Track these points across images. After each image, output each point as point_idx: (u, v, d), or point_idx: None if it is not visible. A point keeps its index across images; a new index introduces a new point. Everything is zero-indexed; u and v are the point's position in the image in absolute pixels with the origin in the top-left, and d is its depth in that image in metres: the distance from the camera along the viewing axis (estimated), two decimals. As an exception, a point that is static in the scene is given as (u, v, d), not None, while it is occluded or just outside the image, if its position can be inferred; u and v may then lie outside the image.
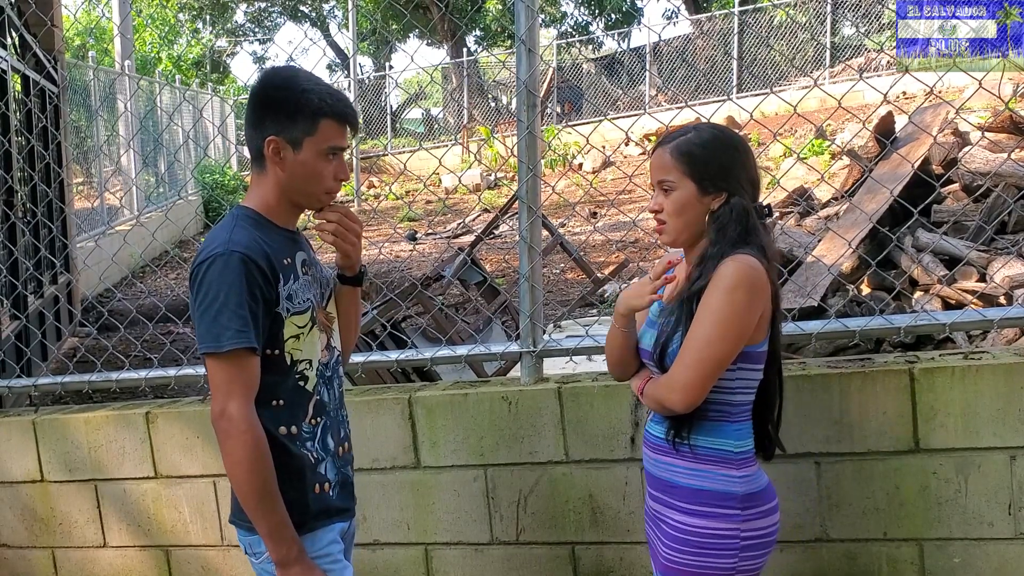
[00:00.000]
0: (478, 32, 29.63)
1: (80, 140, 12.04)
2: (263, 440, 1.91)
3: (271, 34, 33.46)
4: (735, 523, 1.99)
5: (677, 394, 1.97)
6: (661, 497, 2.10)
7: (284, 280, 1.98)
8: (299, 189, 2.01)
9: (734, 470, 2.01)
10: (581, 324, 4.42)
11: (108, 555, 3.38)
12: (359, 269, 2.19)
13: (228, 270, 1.89)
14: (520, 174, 2.95)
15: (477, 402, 2.94)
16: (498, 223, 8.43)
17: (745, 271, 1.93)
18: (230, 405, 1.89)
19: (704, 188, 2.01)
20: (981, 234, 5.26)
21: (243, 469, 1.89)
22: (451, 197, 16.86)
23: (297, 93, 1.96)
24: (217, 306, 1.88)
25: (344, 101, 2.01)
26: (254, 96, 2.01)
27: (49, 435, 3.37)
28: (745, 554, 2.00)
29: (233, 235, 1.94)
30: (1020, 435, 2.53)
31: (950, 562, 2.62)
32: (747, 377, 2.03)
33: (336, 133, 1.99)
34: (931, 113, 6.22)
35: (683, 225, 2.04)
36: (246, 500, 1.92)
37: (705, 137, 2.04)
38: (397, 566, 3.08)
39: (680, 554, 2.02)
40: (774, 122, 9.12)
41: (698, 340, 1.94)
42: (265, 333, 1.95)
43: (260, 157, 2.00)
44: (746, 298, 1.93)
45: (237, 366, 1.90)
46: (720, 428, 2.02)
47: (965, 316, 2.81)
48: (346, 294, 2.22)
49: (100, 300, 8.17)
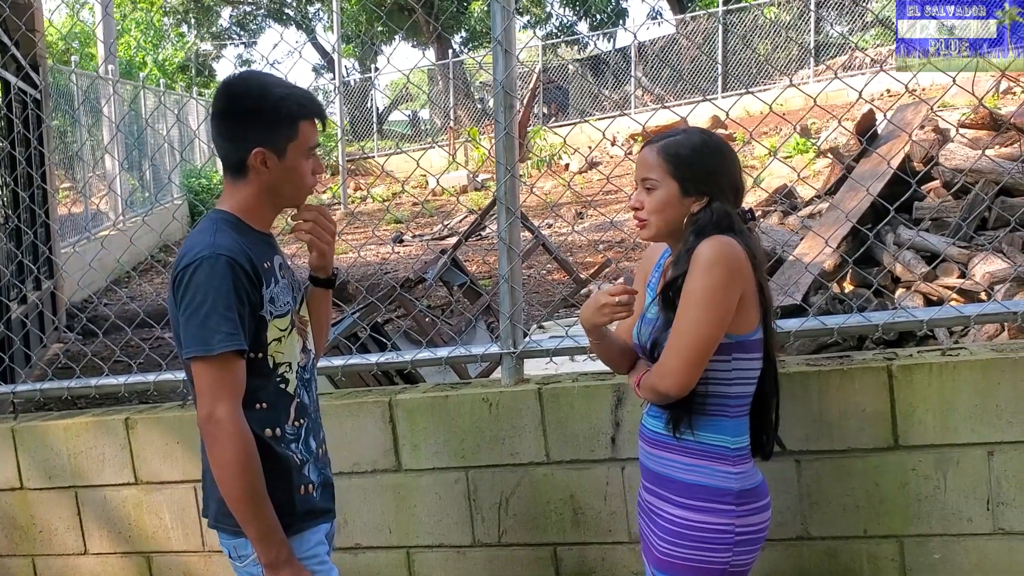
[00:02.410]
0: (464, 33, 29.64)
1: (64, 145, 11.97)
2: (252, 443, 1.91)
3: (256, 37, 33.39)
4: (730, 518, 2.01)
5: (669, 379, 1.98)
6: (656, 490, 2.11)
7: (266, 283, 1.98)
8: (283, 192, 2.03)
9: (730, 466, 2.03)
10: (563, 325, 4.41)
11: (89, 562, 3.36)
12: (332, 272, 2.19)
13: (215, 273, 1.88)
14: (498, 175, 2.95)
15: (458, 404, 2.94)
16: (483, 224, 8.43)
17: (721, 248, 1.95)
18: (218, 408, 1.88)
19: (686, 190, 2.03)
20: (961, 231, 5.29)
21: (233, 472, 1.89)
22: (438, 199, 16.86)
23: (276, 102, 1.96)
24: (205, 309, 1.87)
25: (314, 98, 2.04)
26: (230, 110, 1.99)
27: (28, 442, 3.34)
28: (739, 549, 2.02)
29: (217, 239, 1.93)
30: (997, 430, 2.54)
31: (930, 558, 2.63)
32: (743, 368, 2.04)
33: (313, 132, 2.02)
34: (912, 111, 6.25)
35: (663, 223, 2.06)
36: (236, 503, 1.91)
37: (693, 141, 2.07)
38: (379, 570, 3.07)
39: (675, 547, 2.04)
40: (761, 121, 9.15)
41: (684, 322, 1.96)
42: (250, 336, 1.94)
43: (242, 167, 1.99)
44: (725, 274, 1.94)
45: (225, 369, 1.89)
46: (718, 423, 2.04)
47: (942, 312, 2.82)
48: (318, 297, 2.22)
49: (83, 306, 8.14)
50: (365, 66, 32.35)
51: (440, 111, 25.27)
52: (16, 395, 3.55)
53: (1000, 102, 10.99)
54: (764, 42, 20.84)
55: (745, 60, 20.66)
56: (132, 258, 11.40)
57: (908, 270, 5.36)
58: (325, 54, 31.94)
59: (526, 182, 11.73)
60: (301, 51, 31.54)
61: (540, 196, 13.40)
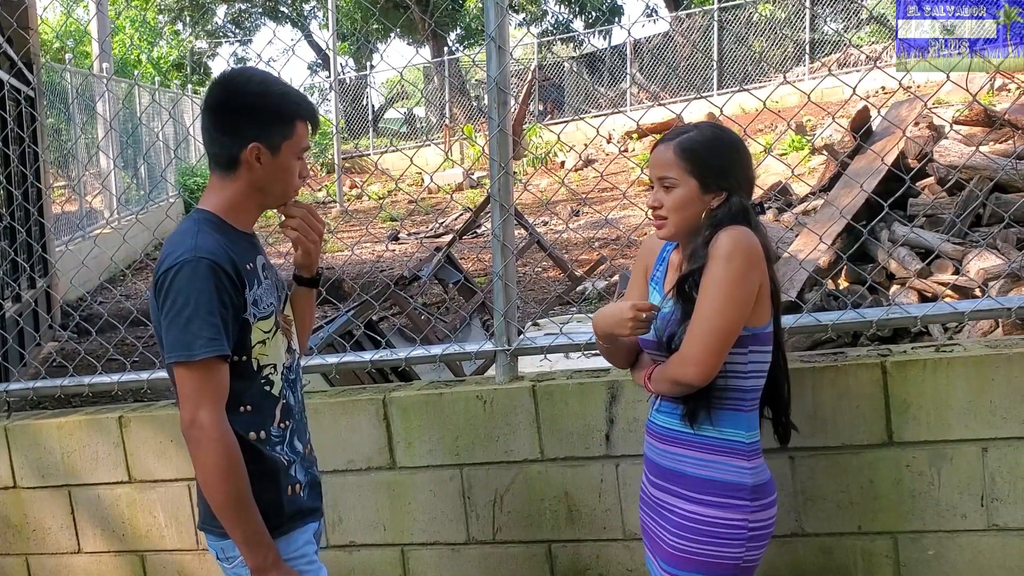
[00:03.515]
0: (459, 31, 29.61)
1: (59, 144, 11.94)
2: (236, 447, 1.89)
3: (251, 35, 33.31)
4: (744, 513, 2.02)
5: (692, 368, 1.99)
6: (666, 486, 2.12)
7: (249, 285, 1.97)
8: (271, 191, 2.02)
9: (745, 461, 2.05)
10: (558, 323, 4.41)
11: (83, 561, 3.35)
12: (316, 271, 2.19)
13: (197, 277, 1.87)
14: (492, 172, 2.94)
15: (452, 402, 2.93)
16: (478, 222, 8.43)
17: (739, 238, 1.97)
18: (200, 413, 1.87)
19: (706, 186, 2.04)
20: (956, 227, 5.29)
21: (216, 478, 1.88)
22: (433, 197, 16.84)
23: (276, 98, 1.97)
24: (187, 314, 1.86)
25: (310, 102, 2.04)
26: (229, 103, 1.98)
27: (21, 441, 3.33)
28: (751, 544, 2.04)
29: (199, 241, 1.91)
30: (992, 427, 2.53)
31: (924, 555, 2.63)
32: (758, 360, 2.06)
33: (306, 133, 2.02)
34: (907, 108, 6.25)
35: (682, 221, 2.07)
36: (220, 508, 1.90)
37: (708, 136, 2.08)
38: (373, 567, 3.06)
39: (688, 543, 2.05)
40: (756, 119, 9.14)
41: (705, 310, 1.97)
42: (234, 339, 1.93)
43: (234, 162, 1.98)
44: (744, 263, 1.96)
45: (208, 374, 1.88)
46: (735, 417, 2.06)
47: (936, 309, 2.82)
48: (302, 296, 2.21)
49: (77, 304, 8.12)
50: (360, 64, 32.28)
51: (435, 109, 25.23)
52: (9, 393, 3.54)
53: (995, 99, 11.00)
54: (759, 39, 20.84)
55: (740, 57, 20.66)
56: (126, 256, 11.36)
57: (902, 267, 5.36)
58: (320, 51, 31.90)
59: (521, 179, 11.72)
60: (295, 49, 31.46)
61: (535, 194, 13.38)
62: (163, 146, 16.49)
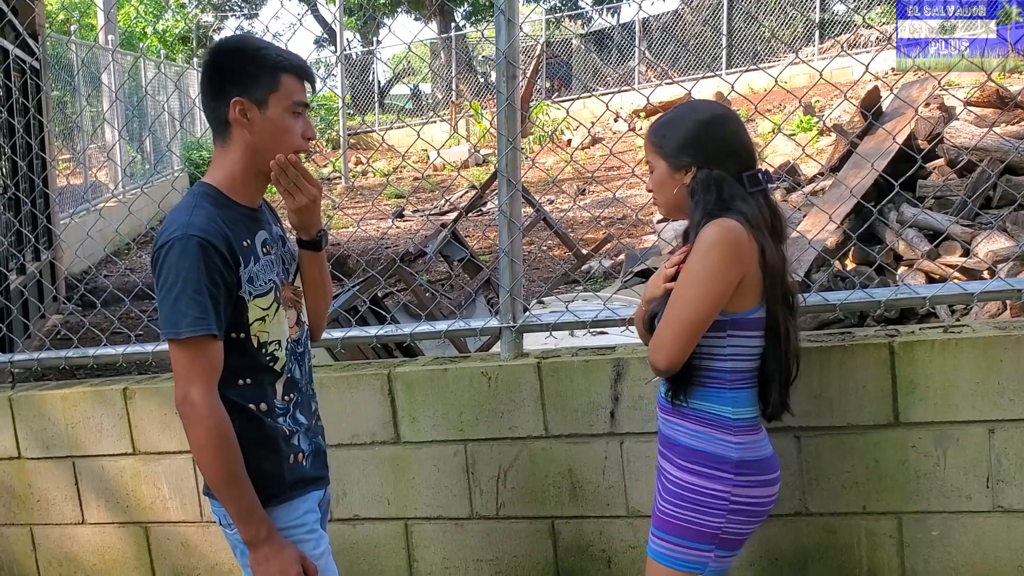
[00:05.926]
0: (467, 6, 29.40)
1: (64, 116, 11.91)
2: (226, 424, 1.89)
3: (257, 8, 33.11)
4: (726, 486, 2.06)
5: (658, 352, 2.04)
6: (665, 452, 2.18)
7: (244, 263, 1.94)
8: (269, 150, 1.95)
9: (730, 436, 2.07)
10: (564, 300, 4.39)
11: (86, 532, 3.36)
12: (316, 234, 2.12)
13: (186, 255, 1.85)
14: (499, 147, 2.91)
15: (457, 377, 2.93)
16: (484, 199, 8.39)
17: (720, 232, 1.99)
18: (191, 391, 1.87)
19: (674, 164, 2.10)
20: (965, 208, 5.25)
21: (208, 454, 1.89)
22: (439, 174, 16.78)
23: (252, 52, 1.96)
24: (176, 292, 1.85)
25: (300, 57, 2.00)
26: (209, 67, 1.98)
27: (25, 411, 3.34)
28: (733, 517, 2.07)
29: (192, 218, 1.89)
30: (998, 408, 2.52)
31: (928, 535, 2.62)
32: (739, 345, 2.07)
33: (298, 87, 1.98)
34: (918, 88, 6.19)
35: (665, 200, 2.15)
36: (214, 484, 1.92)
37: (673, 115, 2.15)
38: (377, 541, 3.07)
39: (672, 507, 2.10)
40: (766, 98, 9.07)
41: (678, 300, 2.03)
42: (228, 317, 1.92)
43: (225, 125, 1.96)
44: (721, 258, 1.98)
45: (197, 352, 1.87)
46: (717, 394, 2.08)
47: (945, 290, 2.80)
48: (307, 260, 2.15)
49: (82, 277, 8.12)
50: (367, 39, 32.10)
51: (442, 85, 25.10)
52: (14, 364, 3.55)
53: (1007, 80, 10.90)
54: (769, 18, 20.66)
55: (750, 36, 20.50)
56: (131, 229, 11.36)
57: (911, 248, 5.33)
58: (326, 25, 31.70)
59: (528, 156, 11.67)
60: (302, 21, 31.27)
61: (542, 171, 13.33)
62: (167, 118, 16.41)
